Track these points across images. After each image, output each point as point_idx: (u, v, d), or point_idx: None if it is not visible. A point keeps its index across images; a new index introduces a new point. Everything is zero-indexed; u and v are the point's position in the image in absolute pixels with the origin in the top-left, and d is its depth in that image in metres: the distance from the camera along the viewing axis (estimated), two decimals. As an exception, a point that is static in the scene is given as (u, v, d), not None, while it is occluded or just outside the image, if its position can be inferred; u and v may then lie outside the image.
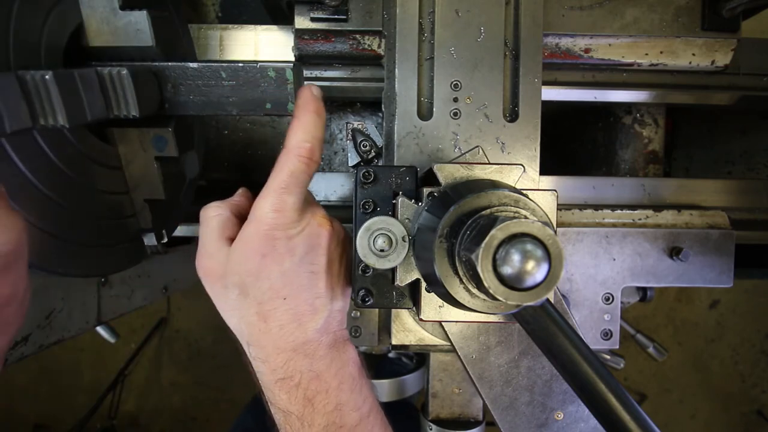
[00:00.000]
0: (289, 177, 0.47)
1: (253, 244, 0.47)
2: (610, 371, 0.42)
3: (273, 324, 0.48)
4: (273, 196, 0.47)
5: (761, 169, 1.13)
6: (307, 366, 0.49)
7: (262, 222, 0.46)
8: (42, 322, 0.71)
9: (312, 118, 0.48)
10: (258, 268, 0.47)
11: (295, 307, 0.48)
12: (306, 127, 0.48)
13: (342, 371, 0.51)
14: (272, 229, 0.46)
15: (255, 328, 0.49)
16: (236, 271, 0.48)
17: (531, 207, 0.40)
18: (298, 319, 0.49)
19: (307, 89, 0.50)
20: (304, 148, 0.47)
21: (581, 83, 0.79)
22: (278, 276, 0.47)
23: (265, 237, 0.46)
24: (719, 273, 0.74)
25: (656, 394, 2.19)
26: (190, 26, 0.74)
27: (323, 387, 0.49)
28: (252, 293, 0.48)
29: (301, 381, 0.49)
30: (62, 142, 0.48)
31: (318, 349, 0.50)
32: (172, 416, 2.20)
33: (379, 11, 0.66)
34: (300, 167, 0.47)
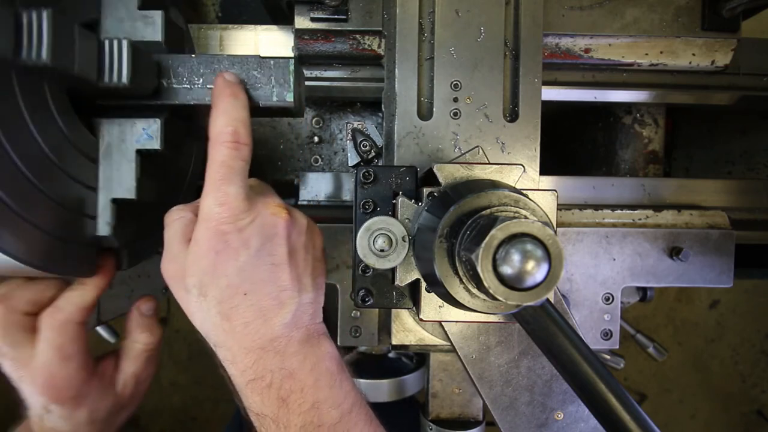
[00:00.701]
0: (221, 167, 0.46)
1: (205, 242, 0.45)
2: (610, 371, 0.42)
3: (236, 322, 0.46)
4: (213, 191, 0.45)
5: (761, 169, 1.13)
6: (278, 364, 0.46)
7: (209, 219, 0.45)
8: (42, 322, 0.70)
9: (228, 102, 0.47)
10: (213, 265, 0.45)
11: (257, 302, 0.46)
12: (225, 112, 0.47)
13: (318, 367, 0.48)
14: (220, 223, 0.45)
15: (219, 328, 0.47)
16: (193, 272, 0.46)
17: (531, 207, 0.40)
18: (263, 315, 0.46)
19: (220, 76, 0.49)
20: (226, 133, 0.46)
21: (581, 83, 0.79)
22: (235, 271, 0.45)
23: (215, 233, 0.45)
24: (719, 273, 0.74)
25: (656, 394, 2.19)
26: (190, 26, 0.74)
27: (297, 386, 0.47)
28: (211, 292, 0.46)
29: (273, 381, 0.46)
30: (51, 126, 0.47)
31: (288, 346, 0.47)
32: (172, 416, 2.20)
33: (379, 11, 0.66)
34: (229, 153, 0.46)
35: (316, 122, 0.94)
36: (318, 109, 0.94)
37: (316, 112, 0.94)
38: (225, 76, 0.50)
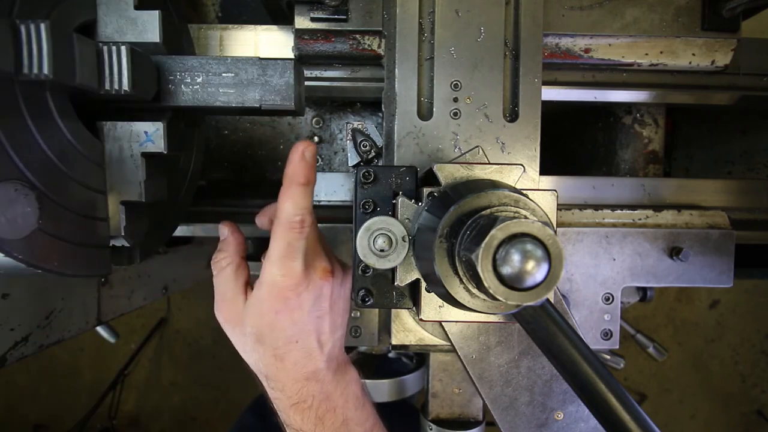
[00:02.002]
0: (288, 247, 0.53)
1: (268, 303, 0.54)
2: (610, 371, 0.42)
3: (288, 362, 0.55)
4: (278, 263, 0.53)
5: (761, 169, 1.13)
6: (318, 389, 0.56)
7: (273, 285, 0.53)
8: (42, 322, 0.71)
9: (300, 191, 0.52)
10: (273, 322, 0.54)
11: (305, 347, 0.55)
12: (295, 200, 0.52)
13: (346, 390, 0.58)
14: (282, 290, 0.53)
15: (272, 367, 0.55)
16: (253, 324, 0.55)
17: (531, 207, 0.40)
18: (309, 355, 0.56)
19: (299, 152, 0.51)
20: (295, 222, 0.52)
21: (581, 83, 0.79)
22: (290, 326, 0.54)
23: (277, 297, 0.54)
24: (719, 273, 0.74)
25: (656, 394, 2.19)
26: (190, 26, 0.74)
27: (332, 406, 0.56)
28: (268, 341, 0.55)
29: (313, 403, 0.55)
30: (55, 132, 0.47)
31: (326, 375, 0.56)
32: (172, 416, 2.20)
33: (379, 11, 0.66)
34: (295, 237, 0.53)
35: (316, 122, 0.94)
36: (318, 109, 0.94)
37: (316, 112, 0.94)
38: (305, 154, 0.52)
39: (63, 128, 0.48)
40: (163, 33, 0.54)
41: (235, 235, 0.61)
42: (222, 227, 0.61)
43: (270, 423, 1.07)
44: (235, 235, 0.61)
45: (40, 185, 0.44)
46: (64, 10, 0.49)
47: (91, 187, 0.50)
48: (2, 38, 0.38)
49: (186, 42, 0.67)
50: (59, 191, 0.47)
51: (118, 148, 0.53)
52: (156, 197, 0.55)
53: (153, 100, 0.54)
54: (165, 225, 0.67)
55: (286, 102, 0.56)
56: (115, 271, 0.59)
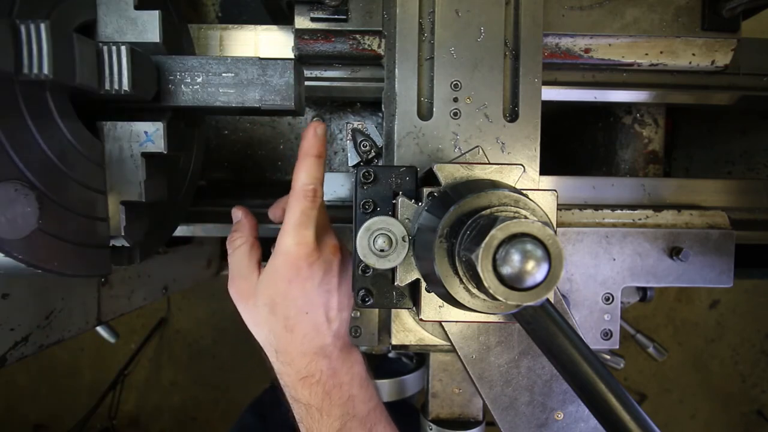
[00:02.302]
0: (301, 215, 0.56)
1: (281, 272, 0.56)
2: (610, 371, 0.42)
3: (298, 334, 0.57)
4: (293, 232, 0.56)
5: (761, 169, 1.13)
6: (326, 365, 0.58)
7: (288, 253, 0.56)
8: (42, 322, 0.71)
9: (314, 162, 0.56)
10: (285, 290, 0.57)
11: (315, 319, 0.58)
12: (309, 171, 0.56)
13: (352, 369, 0.60)
14: (297, 259, 0.56)
15: (283, 338, 0.58)
16: (267, 294, 0.57)
17: (531, 207, 0.40)
18: (317, 329, 0.58)
19: (312, 129, 0.57)
20: (309, 190, 0.56)
21: (581, 83, 0.79)
22: (301, 296, 0.57)
23: (291, 266, 0.56)
24: (719, 273, 0.74)
25: (656, 394, 2.19)
26: (190, 26, 0.74)
27: (338, 381, 0.58)
28: (280, 311, 0.57)
29: (321, 378, 0.57)
30: (55, 132, 0.47)
31: (333, 351, 0.59)
32: (172, 416, 2.20)
33: (379, 11, 0.66)
34: (308, 205, 0.56)
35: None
36: (318, 109, 0.94)
37: (316, 112, 0.94)
38: (317, 131, 0.57)
39: (63, 128, 0.48)
40: (163, 33, 0.54)
41: (249, 217, 0.64)
42: (236, 210, 0.65)
43: (270, 423, 1.07)
44: (249, 217, 0.64)
45: (40, 185, 0.44)
46: (64, 10, 0.49)
47: (91, 187, 0.50)
48: (2, 38, 0.38)
49: (186, 42, 0.67)
50: (59, 191, 0.47)
51: (118, 148, 0.53)
52: (156, 197, 0.55)
53: (153, 100, 0.54)
54: (165, 225, 0.67)
55: (286, 102, 0.56)
56: (115, 271, 0.59)
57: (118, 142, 0.53)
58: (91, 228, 0.51)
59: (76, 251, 0.49)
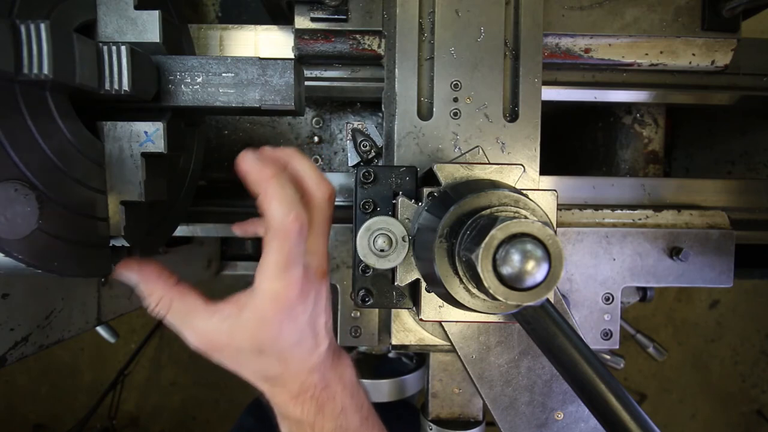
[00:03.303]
0: (288, 256, 0.47)
1: (270, 318, 0.49)
2: (610, 371, 0.42)
3: (291, 363, 0.53)
4: (278, 276, 0.48)
5: (761, 169, 1.13)
6: (319, 378, 0.55)
7: (277, 299, 0.49)
8: (42, 322, 0.71)
9: (274, 185, 0.46)
10: (277, 333, 0.50)
11: (307, 345, 0.54)
12: (277, 197, 0.46)
13: (343, 377, 0.57)
14: (288, 302, 0.49)
15: (276, 370, 0.53)
16: (252, 340, 0.50)
17: (531, 207, 0.40)
18: (309, 351, 0.54)
19: (241, 160, 0.48)
20: (290, 221, 0.46)
21: (581, 83, 0.79)
22: (294, 333, 0.52)
23: (282, 310, 0.49)
24: (719, 273, 0.74)
25: (656, 394, 2.19)
26: (190, 26, 0.74)
27: (331, 394, 0.55)
28: (271, 351, 0.52)
29: (315, 392, 0.54)
30: (55, 132, 0.47)
31: (325, 364, 0.55)
32: (172, 416, 2.20)
33: (379, 11, 0.66)
34: (295, 241, 0.47)
35: (316, 122, 0.94)
36: (318, 109, 0.94)
37: (316, 112, 0.94)
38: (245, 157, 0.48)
39: (63, 128, 0.48)
40: (163, 33, 0.54)
41: (147, 268, 0.53)
42: (123, 274, 0.53)
43: (269, 425, 1.07)
44: (147, 268, 0.53)
45: (40, 185, 0.44)
46: (64, 10, 0.49)
47: (91, 187, 0.50)
48: (2, 38, 0.38)
49: (186, 42, 0.67)
50: (59, 191, 0.47)
51: (118, 148, 0.53)
52: (156, 197, 0.55)
53: (153, 100, 0.54)
54: (165, 225, 0.67)
55: (286, 102, 0.56)
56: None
57: (118, 142, 0.53)
58: (91, 228, 0.51)
59: (76, 251, 0.49)
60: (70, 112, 0.49)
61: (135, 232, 0.55)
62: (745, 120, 1.14)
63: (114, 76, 0.48)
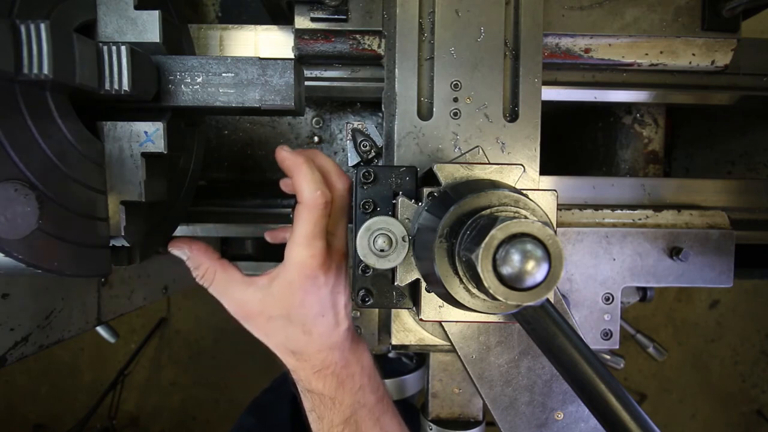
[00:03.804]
0: (314, 226, 0.55)
1: (297, 283, 0.56)
2: (610, 371, 0.42)
3: (315, 335, 0.58)
4: (306, 244, 0.55)
5: (761, 169, 1.13)
6: (340, 356, 0.60)
7: (303, 266, 0.56)
8: (42, 322, 0.71)
9: (307, 169, 0.56)
10: (302, 301, 0.57)
11: (329, 321, 0.59)
12: (307, 178, 0.55)
13: (362, 359, 0.62)
14: (313, 270, 0.56)
15: (301, 341, 0.58)
16: (282, 305, 0.57)
17: (531, 207, 0.40)
18: (332, 328, 0.59)
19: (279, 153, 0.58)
20: (318, 196, 0.55)
21: (581, 83, 0.79)
22: (317, 302, 0.58)
23: (307, 277, 0.56)
24: (719, 273, 0.74)
25: (656, 394, 2.19)
26: (190, 26, 0.74)
27: (350, 372, 0.60)
28: (297, 319, 0.58)
29: (335, 369, 0.59)
30: (55, 132, 0.47)
31: (345, 344, 0.60)
32: (172, 416, 2.20)
33: (379, 11, 0.66)
34: (320, 214, 0.55)
35: (316, 122, 0.94)
36: (318, 109, 0.94)
37: (316, 112, 0.94)
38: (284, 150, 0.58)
39: (63, 128, 0.48)
40: (163, 33, 0.54)
41: (194, 245, 0.60)
42: (176, 249, 0.61)
43: (269, 425, 1.07)
44: (194, 245, 0.60)
45: (40, 185, 0.44)
46: (64, 10, 0.49)
47: (91, 187, 0.50)
48: (2, 38, 0.38)
49: (186, 42, 0.67)
50: (59, 191, 0.47)
51: (118, 148, 0.53)
52: (156, 197, 0.55)
53: (153, 100, 0.54)
54: (165, 225, 0.67)
55: (286, 102, 0.56)
56: (115, 271, 0.58)
57: (118, 142, 0.53)
58: (91, 228, 0.51)
59: (76, 251, 0.49)
60: (70, 112, 0.49)
61: (135, 232, 0.55)
62: (745, 120, 1.14)
63: (114, 76, 0.48)
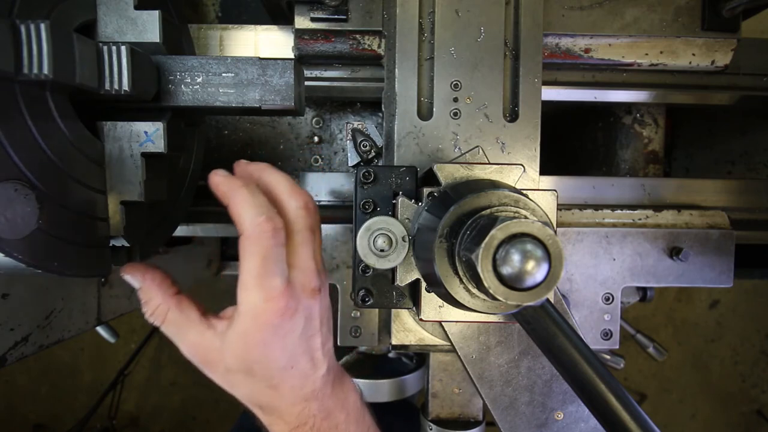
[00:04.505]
0: (264, 261, 0.44)
1: (254, 336, 0.46)
2: (610, 371, 0.42)
3: (284, 389, 0.50)
4: (257, 287, 0.45)
5: (761, 169, 1.13)
6: (318, 408, 0.51)
7: (257, 315, 0.46)
8: (42, 322, 0.71)
9: (243, 193, 0.45)
10: (263, 355, 0.47)
11: (301, 370, 0.50)
12: (248, 203, 0.45)
13: (346, 403, 0.54)
14: (270, 317, 0.46)
15: (267, 397, 0.50)
16: (239, 360, 0.48)
17: (531, 207, 0.40)
18: (305, 377, 0.50)
19: (212, 177, 0.48)
20: (261, 223, 0.44)
21: (581, 83, 0.79)
22: (282, 355, 0.48)
23: (264, 327, 0.46)
24: (719, 273, 0.74)
25: (656, 394, 2.19)
26: (190, 26, 0.74)
27: (333, 422, 0.52)
28: (260, 373, 0.48)
29: (315, 423, 0.51)
30: (55, 132, 0.47)
31: (325, 390, 0.52)
32: (172, 416, 2.20)
33: (379, 11, 0.66)
34: (270, 244, 0.45)
35: (316, 122, 0.94)
36: (318, 109, 0.94)
37: (316, 112, 0.94)
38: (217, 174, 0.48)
39: (63, 128, 0.48)
40: (163, 33, 0.54)
41: (149, 274, 0.52)
42: (128, 275, 0.52)
43: None
44: (149, 274, 0.52)
45: (40, 185, 0.44)
46: (64, 10, 0.49)
47: (91, 187, 0.50)
48: (2, 38, 0.38)
49: (186, 42, 0.67)
50: (59, 191, 0.47)
51: (118, 148, 0.53)
52: (156, 197, 0.55)
53: (153, 100, 0.54)
54: (165, 225, 0.67)
55: (286, 102, 0.56)
56: (115, 271, 0.58)
57: (118, 142, 0.53)
58: (91, 228, 0.51)
59: (76, 251, 0.49)
60: (70, 112, 0.49)
61: (135, 232, 0.55)
62: (745, 120, 1.14)
63: (114, 76, 0.48)
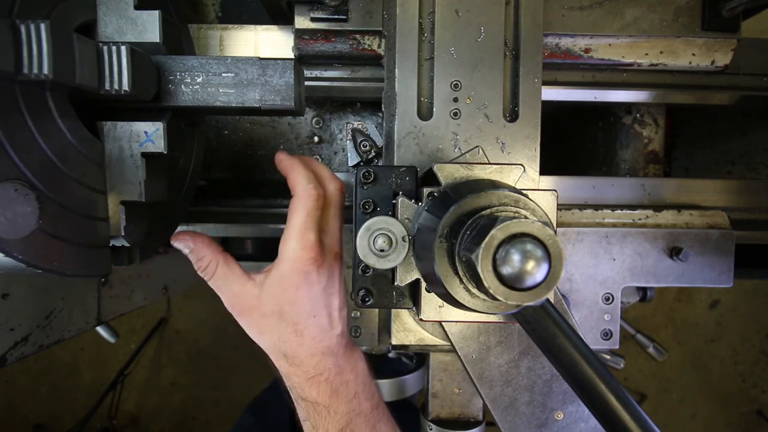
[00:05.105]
0: (306, 218, 0.55)
1: (289, 279, 0.56)
2: (610, 371, 0.42)
3: (307, 337, 0.58)
4: (297, 236, 0.55)
5: (761, 169, 1.13)
6: (333, 363, 0.59)
7: (295, 260, 0.55)
8: (42, 322, 0.71)
9: (299, 167, 0.57)
10: (294, 297, 0.57)
11: (321, 322, 0.58)
12: (302, 174, 0.57)
13: (356, 366, 0.61)
14: (304, 264, 0.56)
15: (293, 342, 0.58)
16: (275, 302, 0.57)
17: (531, 207, 0.40)
18: (324, 330, 0.59)
19: (277, 156, 0.60)
20: (310, 188, 0.56)
21: (581, 83, 0.79)
22: (308, 300, 0.57)
23: (299, 272, 0.56)
24: (719, 273, 0.74)
25: (656, 394, 2.19)
26: (190, 26, 0.74)
27: (345, 379, 0.59)
28: (288, 317, 0.57)
29: (329, 376, 0.58)
30: (55, 132, 0.47)
31: (339, 350, 0.60)
32: (172, 416, 2.20)
33: (379, 11, 0.66)
34: (312, 205, 0.56)
35: (316, 122, 0.94)
36: (318, 109, 0.94)
37: (316, 112, 0.94)
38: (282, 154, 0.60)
39: (63, 128, 0.48)
40: (163, 33, 0.54)
41: (198, 238, 0.60)
42: (179, 242, 0.60)
43: (269, 424, 1.07)
44: (198, 238, 0.60)
45: (40, 185, 0.44)
46: (64, 10, 0.49)
47: (91, 187, 0.50)
48: (2, 38, 0.38)
49: (186, 42, 0.67)
50: (59, 191, 0.47)
51: (118, 148, 0.53)
52: (156, 197, 0.55)
53: (153, 100, 0.54)
54: (165, 225, 0.67)
55: (286, 102, 0.56)
56: (115, 271, 0.58)
57: (118, 142, 0.53)
58: (91, 228, 0.51)
59: (76, 251, 0.49)
60: (70, 112, 0.49)
61: (135, 232, 0.55)
62: (745, 120, 1.14)
63: (114, 76, 0.48)
